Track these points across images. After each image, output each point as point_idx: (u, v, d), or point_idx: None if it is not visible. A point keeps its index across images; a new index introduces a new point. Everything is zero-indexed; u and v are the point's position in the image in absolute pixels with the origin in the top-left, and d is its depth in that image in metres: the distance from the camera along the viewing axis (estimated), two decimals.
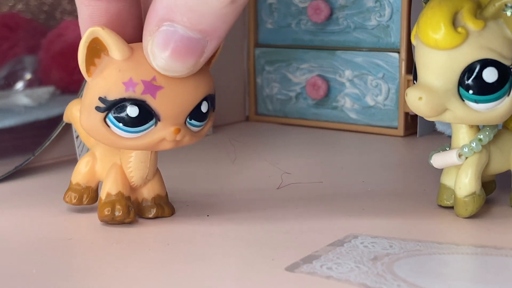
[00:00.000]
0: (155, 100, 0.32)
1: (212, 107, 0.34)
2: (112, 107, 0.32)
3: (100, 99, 0.32)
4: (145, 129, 0.33)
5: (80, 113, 0.33)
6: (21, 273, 0.30)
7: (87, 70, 0.33)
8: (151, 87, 0.32)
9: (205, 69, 0.33)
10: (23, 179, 0.45)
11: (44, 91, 0.49)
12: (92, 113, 0.33)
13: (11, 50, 0.48)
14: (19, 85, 0.48)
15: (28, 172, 0.46)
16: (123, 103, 0.32)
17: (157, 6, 0.31)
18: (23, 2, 0.48)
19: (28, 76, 0.49)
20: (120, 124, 0.32)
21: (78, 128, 0.39)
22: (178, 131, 0.33)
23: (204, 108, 0.34)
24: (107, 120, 0.33)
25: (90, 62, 0.33)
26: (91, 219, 0.36)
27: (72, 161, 0.48)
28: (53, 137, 0.47)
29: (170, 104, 0.32)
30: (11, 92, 0.48)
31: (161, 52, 0.31)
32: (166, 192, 0.37)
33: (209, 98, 0.34)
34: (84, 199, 0.37)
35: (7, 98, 0.48)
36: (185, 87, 0.33)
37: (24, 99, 0.48)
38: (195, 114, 0.33)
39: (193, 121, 0.33)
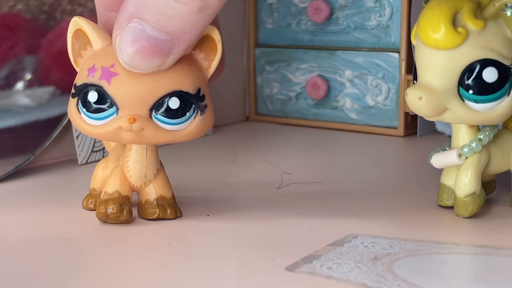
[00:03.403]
0: (109, 86, 0.33)
1: (196, 109, 0.34)
2: (79, 93, 0.33)
3: (74, 85, 0.34)
4: (106, 117, 0.33)
5: None
6: (21, 273, 0.30)
7: (75, 61, 0.34)
8: (107, 73, 0.33)
9: (184, 66, 0.33)
10: (23, 179, 0.45)
11: (44, 91, 0.49)
12: (71, 100, 0.34)
13: (11, 50, 0.48)
14: (19, 85, 0.48)
15: (28, 172, 0.46)
16: (86, 89, 0.33)
17: (128, 2, 0.31)
18: (23, 2, 0.48)
19: (28, 76, 0.49)
20: (85, 110, 0.33)
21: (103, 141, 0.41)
22: (133, 120, 0.32)
23: (173, 104, 0.33)
24: (78, 106, 0.34)
25: (78, 54, 0.34)
26: (91, 219, 0.36)
27: (72, 161, 0.48)
28: (53, 137, 0.47)
29: (125, 92, 0.32)
30: (11, 92, 0.48)
31: (127, 48, 0.31)
32: (173, 194, 0.36)
33: (182, 96, 0.33)
34: None
35: (7, 98, 0.48)
36: (144, 78, 0.32)
37: (24, 99, 0.48)
38: (162, 109, 0.33)
39: (160, 117, 0.33)
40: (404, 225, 0.35)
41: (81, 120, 0.34)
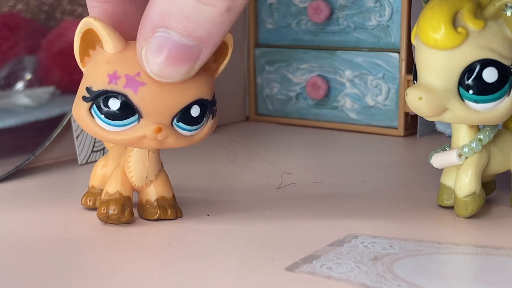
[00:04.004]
0: (136, 96, 0.32)
1: (209, 114, 0.34)
2: (96, 98, 0.33)
3: (87, 89, 0.33)
4: (127, 124, 0.33)
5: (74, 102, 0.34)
6: (21, 273, 0.30)
7: (82, 60, 0.34)
8: (134, 82, 0.32)
9: (203, 73, 0.33)
10: (23, 179, 0.45)
11: (44, 91, 0.49)
12: (79, 103, 0.33)
13: (11, 50, 0.48)
14: (20, 85, 0.48)
15: (28, 172, 0.46)
16: (106, 95, 0.32)
17: (152, 12, 0.31)
18: (23, 2, 0.48)
19: (28, 76, 0.49)
20: (102, 116, 0.33)
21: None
22: (159, 130, 0.32)
23: (194, 112, 0.33)
24: (91, 110, 0.33)
25: (85, 53, 0.33)
26: (91, 219, 0.36)
27: (72, 161, 0.48)
28: (53, 137, 0.47)
29: (152, 102, 0.32)
30: (12, 92, 0.48)
31: (155, 58, 0.31)
32: (173, 195, 0.36)
33: (202, 103, 0.33)
34: (98, 202, 0.37)
35: (8, 98, 0.48)
36: (171, 87, 0.32)
37: (24, 99, 0.48)
38: (184, 117, 0.33)
39: (181, 124, 0.33)
40: (404, 225, 0.35)
41: (95, 125, 0.33)
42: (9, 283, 0.29)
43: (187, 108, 0.33)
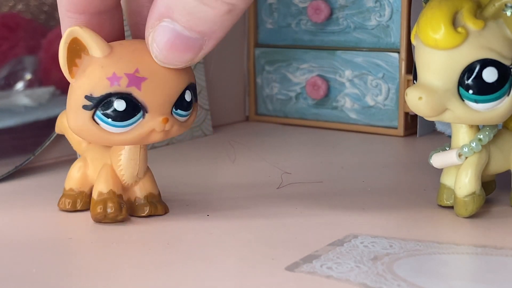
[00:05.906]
0: (140, 92, 0.33)
1: (194, 97, 0.35)
2: (99, 103, 0.33)
3: (86, 97, 0.33)
4: (133, 122, 0.33)
5: (67, 116, 0.34)
6: (21, 273, 0.30)
7: (70, 71, 0.33)
8: (135, 79, 0.33)
9: None
10: (23, 179, 0.45)
11: (44, 91, 0.49)
12: (79, 113, 0.33)
13: (11, 50, 0.48)
14: (19, 85, 0.48)
15: (28, 172, 0.46)
16: (109, 99, 0.33)
17: (159, 2, 0.32)
18: (23, 2, 0.48)
19: (28, 76, 0.49)
20: (109, 120, 0.33)
21: (70, 137, 0.39)
22: (166, 120, 0.33)
23: (187, 97, 0.34)
24: (95, 117, 0.33)
25: (71, 63, 0.33)
26: (91, 219, 0.36)
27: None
28: (53, 137, 0.47)
29: (156, 94, 0.33)
30: (11, 92, 0.48)
31: (160, 45, 0.32)
32: (159, 191, 0.37)
33: (191, 87, 0.34)
34: (78, 204, 0.37)
35: (7, 98, 0.48)
36: (168, 76, 0.33)
37: (24, 99, 0.48)
38: (180, 103, 0.34)
39: (178, 111, 0.34)
40: (404, 225, 0.35)
41: (101, 131, 0.33)
42: (9, 283, 0.29)
43: (183, 94, 0.34)
